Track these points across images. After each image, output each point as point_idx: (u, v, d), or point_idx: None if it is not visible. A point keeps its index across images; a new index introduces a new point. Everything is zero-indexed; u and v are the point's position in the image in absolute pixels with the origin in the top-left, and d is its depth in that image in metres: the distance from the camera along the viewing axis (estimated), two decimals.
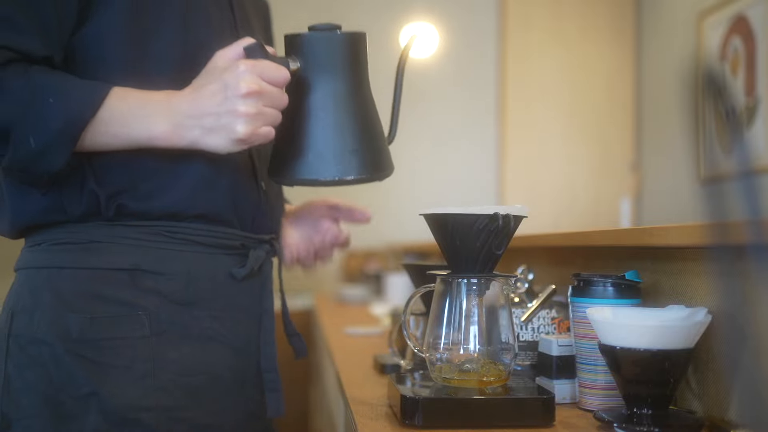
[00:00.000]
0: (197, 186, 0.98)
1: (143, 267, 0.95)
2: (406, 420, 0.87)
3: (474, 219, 0.91)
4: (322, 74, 0.96)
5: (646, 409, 0.87)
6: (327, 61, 0.97)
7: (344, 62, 0.98)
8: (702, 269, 0.95)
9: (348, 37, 0.98)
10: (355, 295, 3.16)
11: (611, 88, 4.21)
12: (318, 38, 0.97)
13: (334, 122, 0.96)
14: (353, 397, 1.06)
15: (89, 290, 0.94)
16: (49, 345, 0.92)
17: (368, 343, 1.72)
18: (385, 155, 1.02)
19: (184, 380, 0.96)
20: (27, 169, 0.88)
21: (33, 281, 0.96)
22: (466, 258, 0.94)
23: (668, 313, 0.90)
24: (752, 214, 0.42)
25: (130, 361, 0.93)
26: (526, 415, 0.88)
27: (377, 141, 1.00)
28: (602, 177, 4.19)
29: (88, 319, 0.92)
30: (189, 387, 0.96)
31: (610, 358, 0.88)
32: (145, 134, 0.90)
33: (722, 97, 0.46)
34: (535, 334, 1.14)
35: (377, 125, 1.01)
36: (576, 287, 1.03)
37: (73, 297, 0.93)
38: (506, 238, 0.92)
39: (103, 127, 0.89)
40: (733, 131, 0.46)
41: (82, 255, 0.95)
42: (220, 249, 1.01)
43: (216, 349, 0.99)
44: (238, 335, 1.02)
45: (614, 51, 4.22)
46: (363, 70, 1.00)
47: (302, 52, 0.96)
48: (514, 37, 4.18)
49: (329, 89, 0.96)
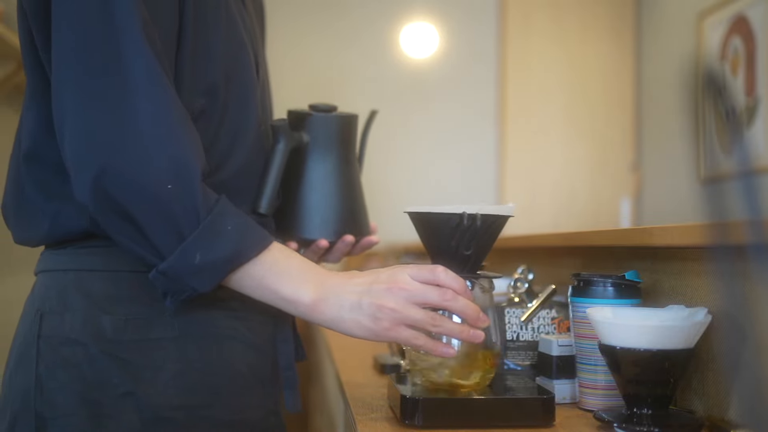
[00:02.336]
0: None
1: None
2: (406, 420, 0.87)
3: (447, 218, 0.91)
4: (323, 149, 1.12)
5: (646, 409, 0.87)
6: (328, 139, 1.13)
7: (341, 140, 1.14)
8: (702, 269, 0.95)
9: (346, 119, 1.15)
10: None
11: (611, 88, 4.21)
12: (323, 119, 1.13)
13: (329, 191, 1.13)
14: (353, 397, 1.06)
15: (119, 292, 0.95)
16: (83, 345, 0.92)
17: (368, 343, 1.72)
18: (365, 220, 1.18)
19: (208, 379, 0.97)
20: (179, 279, 0.87)
21: (60, 283, 0.96)
22: (445, 257, 0.93)
23: (668, 313, 0.90)
24: (752, 214, 0.42)
25: (162, 362, 0.94)
26: (526, 415, 0.88)
27: (360, 207, 1.17)
28: (602, 177, 4.19)
29: (121, 321, 0.93)
30: (212, 385, 0.97)
31: (610, 358, 0.88)
32: (291, 295, 0.90)
33: (722, 97, 0.46)
34: (535, 334, 1.14)
35: (360, 194, 1.18)
36: (576, 287, 1.03)
37: (104, 298, 0.94)
38: (474, 238, 0.91)
39: (260, 271, 0.89)
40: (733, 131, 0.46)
41: (109, 257, 0.95)
42: None
43: (236, 348, 1.00)
44: (256, 334, 1.03)
45: (614, 51, 4.22)
46: (354, 146, 1.17)
47: (308, 129, 1.11)
48: (514, 38, 4.18)
49: (327, 163, 1.12)
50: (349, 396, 1.08)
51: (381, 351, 1.45)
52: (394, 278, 0.88)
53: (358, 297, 0.88)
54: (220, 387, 0.98)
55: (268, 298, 0.91)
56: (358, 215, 1.16)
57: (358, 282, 0.90)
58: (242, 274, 0.89)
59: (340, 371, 1.32)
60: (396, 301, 0.86)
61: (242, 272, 0.89)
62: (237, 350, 1.00)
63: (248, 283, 0.90)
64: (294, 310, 0.91)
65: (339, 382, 1.26)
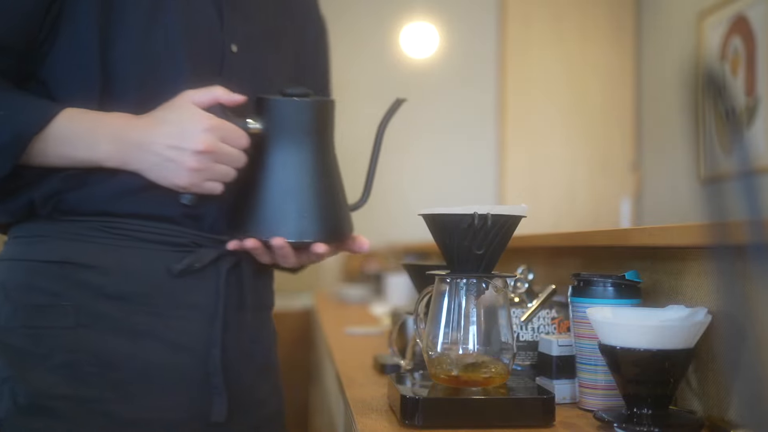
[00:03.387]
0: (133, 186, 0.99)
1: (73, 260, 0.97)
2: (406, 420, 0.87)
3: (459, 218, 0.91)
4: (286, 138, 1.01)
5: (646, 409, 0.87)
6: (292, 126, 1.02)
7: (308, 128, 1.02)
8: (702, 269, 0.95)
9: (315, 105, 1.03)
10: (355, 295, 3.16)
11: (611, 88, 4.21)
12: (284, 103, 1.02)
13: (290, 186, 1.01)
14: (353, 397, 1.06)
15: (23, 281, 0.97)
16: None
17: (368, 343, 1.72)
18: (344, 222, 1.06)
19: (109, 373, 0.96)
20: None
21: None
22: (459, 258, 0.94)
23: (668, 313, 0.90)
24: (752, 214, 0.42)
25: (49, 350, 0.95)
26: (526, 415, 0.88)
27: (335, 208, 1.05)
28: (602, 177, 4.19)
29: (15, 308, 0.96)
30: (113, 380, 0.97)
31: (610, 358, 0.88)
32: (88, 156, 0.95)
33: (722, 97, 0.46)
34: (535, 334, 1.14)
35: (338, 192, 1.06)
36: (576, 287, 1.03)
37: (11, 287, 0.97)
38: (486, 238, 0.92)
39: (49, 147, 0.93)
40: (733, 131, 0.46)
41: (24, 248, 0.99)
42: (164, 245, 1.01)
43: (149, 345, 0.99)
44: (181, 333, 1.01)
45: (614, 51, 4.22)
46: (328, 136, 1.05)
47: (268, 115, 1.01)
48: (514, 38, 4.18)
49: (291, 153, 1.01)
50: (349, 396, 1.08)
51: (381, 351, 1.45)
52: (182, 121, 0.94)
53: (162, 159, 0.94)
54: (124, 382, 0.97)
55: (70, 164, 0.95)
56: (329, 212, 1.04)
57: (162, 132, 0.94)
58: (34, 152, 0.93)
59: (340, 371, 1.32)
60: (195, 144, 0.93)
61: (34, 151, 0.93)
62: (152, 347, 0.99)
63: (45, 159, 0.94)
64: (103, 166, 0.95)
65: (339, 382, 1.26)
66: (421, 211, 0.97)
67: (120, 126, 0.95)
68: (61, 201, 0.98)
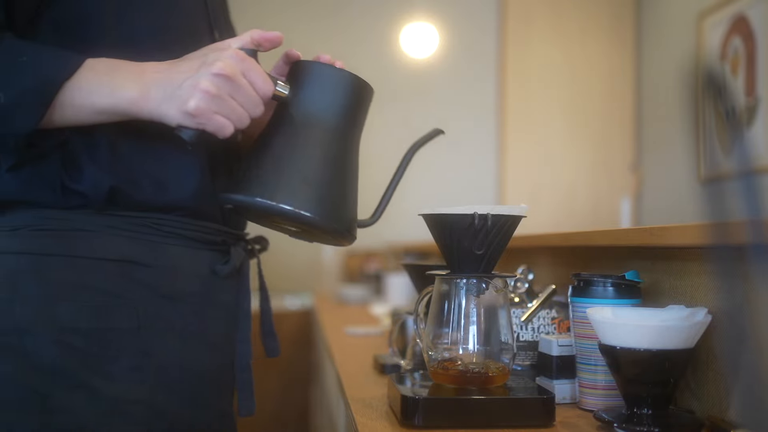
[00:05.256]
0: (194, 182, 0.96)
1: (133, 258, 0.93)
2: (406, 420, 0.87)
3: (459, 218, 0.91)
4: (314, 106, 0.92)
5: (646, 409, 0.87)
6: (324, 95, 0.92)
7: (341, 103, 0.93)
8: (702, 269, 0.95)
9: (354, 80, 0.94)
10: (355, 295, 3.16)
11: (611, 88, 4.21)
12: (323, 69, 0.93)
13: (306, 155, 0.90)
14: (353, 397, 1.06)
15: (78, 279, 0.90)
16: (34, 335, 0.88)
17: (368, 343, 1.72)
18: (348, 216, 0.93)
19: (166, 375, 0.94)
20: None
21: (9, 268, 0.90)
22: (459, 258, 0.94)
23: (668, 313, 0.90)
24: (752, 214, 0.42)
25: (117, 352, 0.91)
26: (526, 415, 0.88)
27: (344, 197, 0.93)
28: (602, 177, 4.19)
29: (77, 309, 0.89)
30: (169, 382, 0.94)
31: (610, 358, 0.88)
32: (110, 104, 0.86)
33: (722, 97, 0.46)
34: (535, 334, 1.14)
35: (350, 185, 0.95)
36: (576, 287, 1.03)
37: (62, 286, 0.90)
38: (486, 238, 0.92)
39: (75, 97, 0.85)
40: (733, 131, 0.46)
41: (70, 243, 0.91)
42: (203, 244, 1.00)
43: (195, 346, 0.98)
44: (214, 332, 1.01)
45: (614, 51, 4.22)
46: (356, 121, 0.95)
47: (301, 80, 0.92)
48: (514, 38, 4.18)
49: (316, 123, 0.91)
50: (349, 396, 1.08)
51: (381, 351, 1.45)
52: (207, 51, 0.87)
53: (177, 86, 0.85)
54: (176, 384, 0.95)
55: (89, 118, 0.87)
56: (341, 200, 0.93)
57: (185, 63, 0.87)
58: (57, 107, 0.84)
59: (340, 371, 1.32)
60: None
61: (56, 105, 0.84)
62: (195, 348, 0.98)
63: (66, 114, 0.86)
64: (120, 113, 0.87)
65: (339, 382, 1.26)
66: (422, 211, 0.97)
67: (142, 69, 0.87)
68: (121, 195, 0.92)
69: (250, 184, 0.89)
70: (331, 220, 0.90)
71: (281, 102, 0.92)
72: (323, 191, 0.90)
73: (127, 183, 0.92)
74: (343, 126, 0.94)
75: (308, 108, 0.92)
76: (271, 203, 0.87)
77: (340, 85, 0.93)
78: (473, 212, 0.91)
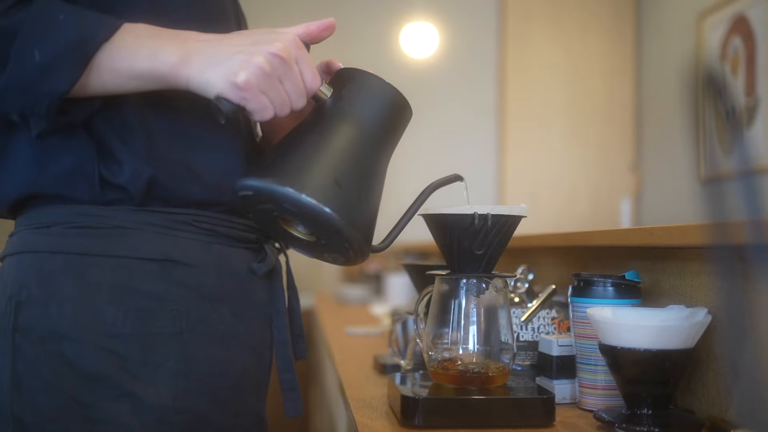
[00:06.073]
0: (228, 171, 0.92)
1: (174, 258, 0.88)
2: (406, 420, 0.87)
3: (459, 218, 0.92)
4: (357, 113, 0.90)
5: (646, 409, 0.87)
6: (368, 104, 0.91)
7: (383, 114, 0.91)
8: (702, 269, 0.95)
9: (399, 96, 0.92)
10: (355, 295, 3.16)
11: (611, 88, 4.21)
12: (371, 79, 0.92)
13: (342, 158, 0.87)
14: (353, 397, 1.06)
15: (117, 280, 0.85)
16: (73, 340, 0.83)
17: (368, 343, 1.72)
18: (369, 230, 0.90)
19: (209, 381, 0.89)
20: (28, 88, 0.77)
21: (43, 268, 0.85)
22: (459, 258, 0.94)
23: (668, 313, 0.90)
24: (752, 214, 0.42)
25: (162, 359, 0.85)
26: (526, 415, 0.88)
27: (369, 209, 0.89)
28: (602, 177, 4.19)
29: (120, 312, 0.84)
30: (212, 388, 0.90)
31: (610, 358, 0.88)
32: (149, 67, 0.80)
33: (722, 97, 0.46)
34: (535, 334, 1.14)
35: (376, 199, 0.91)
36: (576, 287, 1.03)
37: (101, 287, 0.84)
38: (486, 238, 0.92)
39: (106, 61, 0.79)
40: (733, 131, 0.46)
41: (108, 241, 0.86)
42: (240, 242, 0.95)
43: (236, 349, 0.93)
44: (252, 334, 0.97)
45: (614, 50, 4.22)
46: (392, 137, 0.93)
47: (347, 85, 0.91)
48: (514, 38, 4.18)
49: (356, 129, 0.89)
50: (349, 396, 1.08)
51: (381, 351, 1.45)
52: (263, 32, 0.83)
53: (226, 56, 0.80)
54: (219, 389, 0.91)
55: (126, 85, 0.82)
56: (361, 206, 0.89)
57: (236, 38, 0.83)
58: (93, 71, 0.79)
59: (340, 371, 1.32)
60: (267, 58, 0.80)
61: (94, 63, 0.79)
62: (236, 351, 0.93)
63: (103, 79, 0.80)
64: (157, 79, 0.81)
65: (339, 382, 1.26)
66: (422, 211, 0.97)
67: (185, 35, 0.82)
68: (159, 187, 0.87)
69: (281, 171, 0.84)
70: (354, 228, 0.85)
71: (319, 104, 0.90)
72: (352, 197, 0.86)
73: (163, 173, 0.87)
74: (381, 138, 0.91)
75: (350, 113, 0.89)
76: (299, 194, 0.82)
77: (385, 97, 0.92)
78: (473, 212, 0.91)
